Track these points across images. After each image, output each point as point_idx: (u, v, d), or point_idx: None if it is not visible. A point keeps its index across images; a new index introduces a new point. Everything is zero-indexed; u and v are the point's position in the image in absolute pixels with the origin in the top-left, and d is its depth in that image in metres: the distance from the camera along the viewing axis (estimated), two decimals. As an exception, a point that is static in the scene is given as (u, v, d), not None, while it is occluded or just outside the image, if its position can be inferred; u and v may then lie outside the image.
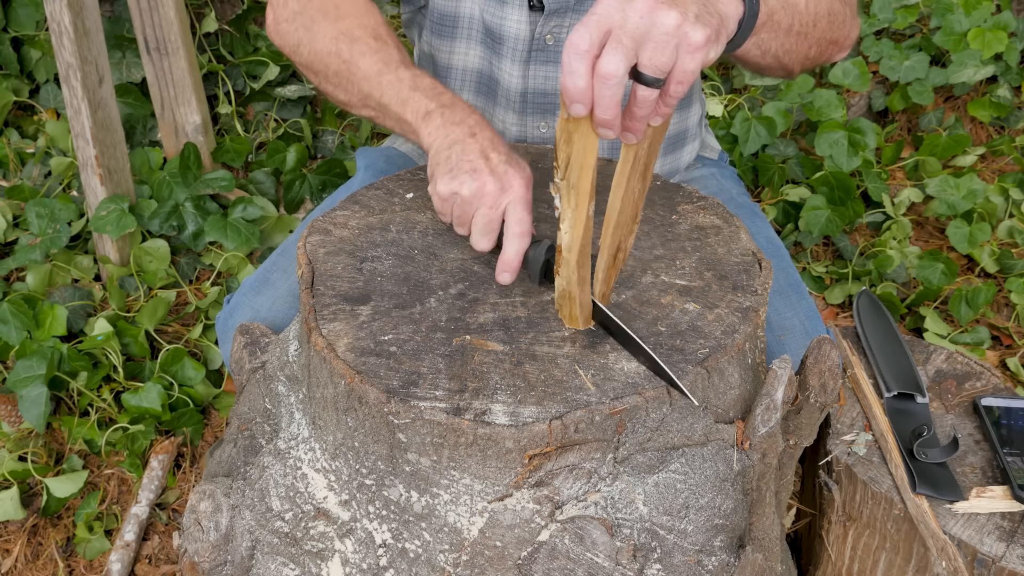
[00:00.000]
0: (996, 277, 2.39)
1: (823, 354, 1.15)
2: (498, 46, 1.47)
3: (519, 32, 1.44)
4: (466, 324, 1.09)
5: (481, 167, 1.13)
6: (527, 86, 1.49)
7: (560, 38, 1.44)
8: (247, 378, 1.26)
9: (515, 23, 1.44)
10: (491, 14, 1.45)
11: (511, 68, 1.47)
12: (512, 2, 1.43)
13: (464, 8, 1.47)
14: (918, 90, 2.68)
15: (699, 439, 1.05)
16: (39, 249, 2.24)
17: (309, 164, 2.70)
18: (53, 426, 2.03)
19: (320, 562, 1.11)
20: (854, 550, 1.40)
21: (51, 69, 2.68)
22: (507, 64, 1.47)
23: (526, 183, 1.14)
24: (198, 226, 2.33)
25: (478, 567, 1.03)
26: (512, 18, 1.44)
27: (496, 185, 1.12)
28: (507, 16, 1.44)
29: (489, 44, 1.48)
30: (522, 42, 1.45)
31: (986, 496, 1.29)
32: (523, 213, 1.12)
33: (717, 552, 1.09)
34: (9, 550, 1.86)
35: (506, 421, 0.97)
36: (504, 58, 1.47)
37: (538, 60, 1.47)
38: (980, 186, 2.39)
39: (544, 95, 1.50)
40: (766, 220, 1.60)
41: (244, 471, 1.20)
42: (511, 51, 1.46)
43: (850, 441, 1.38)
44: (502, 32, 1.45)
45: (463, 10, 1.48)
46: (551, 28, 1.44)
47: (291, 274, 1.47)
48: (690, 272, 1.18)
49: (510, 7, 1.43)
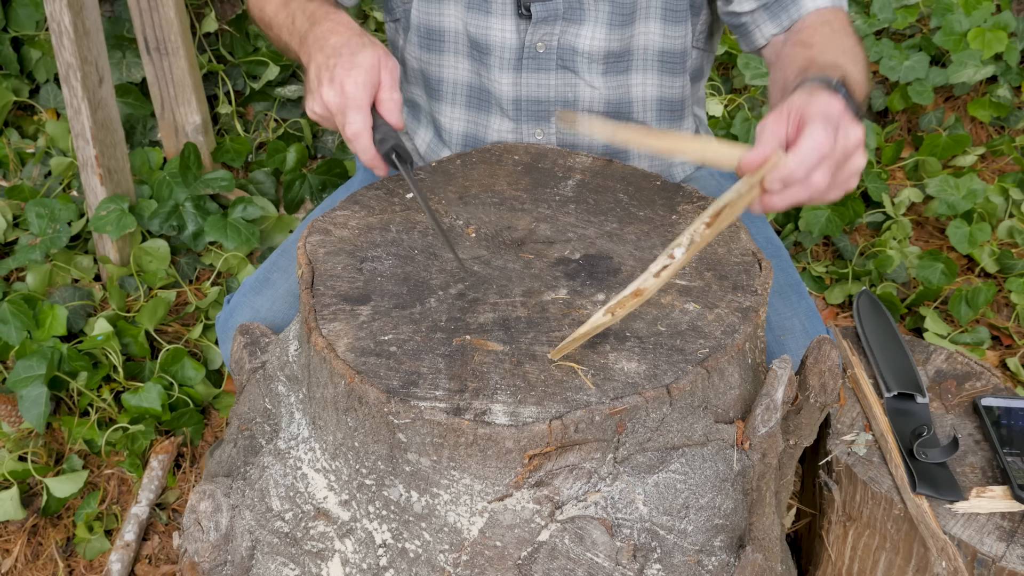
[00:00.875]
0: (996, 277, 2.39)
1: (823, 354, 1.15)
2: (485, 56, 1.46)
3: (505, 40, 1.44)
4: (466, 324, 1.09)
5: (318, 81, 1.22)
6: (519, 94, 1.48)
7: (551, 45, 1.44)
8: (247, 378, 1.26)
9: (500, 32, 1.44)
10: (474, 25, 1.44)
11: (500, 77, 1.47)
12: (496, 11, 1.42)
13: (448, 21, 1.47)
14: (918, 90, 2.68)
15: (699, 439, 1.05)
16: (39, 249, 2.24)
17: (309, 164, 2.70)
18: (53, 426, 2.03)
19: (320, 562, 1.11)
20: (854, 550, 1.40)
21: (51, 69, 2.68)
22: (496, 73, 1.47)
23: (359, 73, 1.20)
24: (198, 226, 2.33)
25: (478, 567, 1.03)
26: (496, 27, 1.43)
27: (334, 97, 1.20)
28: (491, 26, 1.43)
29: (476, 56, 1.47)
30: (510, 50, 1.44)
31: (986, 496, 1.29)
32: (352, 117, 1.19)
33: (717, 552, 1.09)
34: (9, 550, 1.86)
35: (506, 421, 0.97)
36: (492, 68, 1.46)
37: (529, 68, 1.46)
38: (980, 186, 2.39)
39: (537, 102, 1.49)
40: (766, 220, 1.60)
41: (244, 471, 1.20)
42: (499, 60, 1.45)
43: (850, 441, 1.38)
44: (488, 42, 1.45)
45: (447, 23, 1.47)
46: (541, 36, 1.43)
47: (291, 274, 1.47)
48: (690, 272, 1.18)
49: (494, 16, 1.43)
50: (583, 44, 1.43)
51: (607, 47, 1.43)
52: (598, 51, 1.44)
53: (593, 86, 1.47)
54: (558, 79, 1.47)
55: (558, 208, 1.31)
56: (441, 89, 1.53)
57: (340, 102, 1.20)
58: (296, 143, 2.55)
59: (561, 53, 1.44)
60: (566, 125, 1.42)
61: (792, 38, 1.35)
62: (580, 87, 1.47)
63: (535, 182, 1.37)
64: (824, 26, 1.32)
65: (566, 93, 1.48)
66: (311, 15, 1.31)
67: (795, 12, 1.36)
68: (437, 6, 1.45)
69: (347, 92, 1.19)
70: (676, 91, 1.52)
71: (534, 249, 1.23)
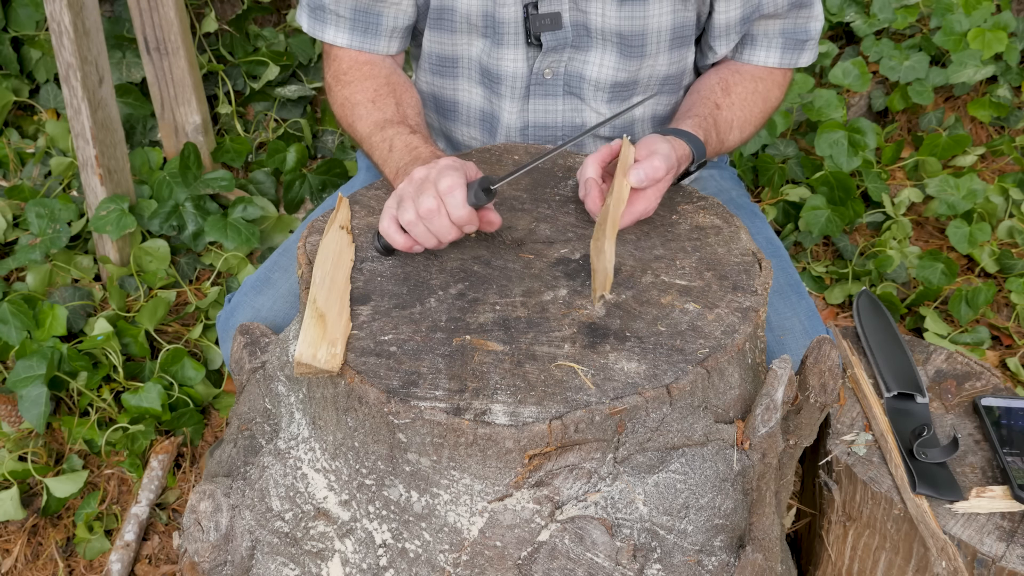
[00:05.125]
0: (996, 277, 2.39)
1: (823, 354, 1.15)
2: (496, 85, 1.48)
3: (516, 70, 1.46)
4: (466, 324, 1.09)
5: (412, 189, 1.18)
6: (527, 120, 1.50)
7: (558, 72, 1.46)
8: (247, 378, 1.26)
9: (512, 62, 1.45)
10: (488, 55, 1.46)
11: (510, 106, 1.49)
12: (508, 43, 1.44)
13: (461, 50, 1.49)
14: (918, 90, 2.68)
15: (699, 439, 1.05)
16: (39, 249, 2.24)
17: (309, 164, 2.70)
18: (53, 426, 2.03)
19: (320, 562, 1.11)
20: (854, 550, 1.40)
21: (51, 69, 2.68)
22: (507, 103, 1.49)
23: (450, 165, 1.18)
24: (198, 226, 2.33)
25: (478, 567, 1.03)
26: (508, 58, 1.45)
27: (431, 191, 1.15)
28: (503, 57, 1.45)
29: (487, 84, 1.50)
30: (520, 79, 1.46)
31: (986, 496, 1.29)
32: (447, 177, 1.15)
33: (717, 552, 1.09)
34: (9, 550, 1.86)
35: (506, 421, 0.97)
36: (504, 97, 1.49)
37: (536, 94, 1.48)
38: (980, 186, 2.39)
39: (544, 128, 1.51)
40: (765, 220, 1.61)
41: (244, 471, 1.20)
42: (510, 89, 1.47)
43: (850, 441, 1.38)
44: (499, 72, 1.46)
45: (460, 52, 1.49)
46: (549, 63, 1.45)
47: (292, 274, 1.47)
48: (690, 272, 1.18)
49: (506, 48, 1.44)
50: (591, 72, 1.46)
51: (615, 77, 1.46)
52: (605, 80, 1.46)
53: (599, 112, 1.50)
54: (565, 104, 1.49)
55: (558, 208, 1.31)
56: (457, 111, 1.56)
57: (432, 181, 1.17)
58: (296, 143, 2.55)
59: (568, 79, 1.47)
60: None
61: (724, 70, 1.50)
62: (586, 112, 1.50)
63: (535, 182, 1.37)
64: (753, 83, 1.49)
65: (573, 118, 1.51)
66: (414, 150, 1.32)
67: (747, 56, 1.50)
68: (450, 36, 1.47)
69: (440, 187, 1.16)
70: (672, 108, 1.56)
71: (534, 249, 1.23)
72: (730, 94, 1.46)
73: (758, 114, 1.49)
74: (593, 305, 1.13)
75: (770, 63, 1.49)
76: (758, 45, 1.48)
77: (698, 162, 1.33)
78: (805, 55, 1.50)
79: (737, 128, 1.46)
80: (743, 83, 1.48)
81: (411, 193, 1.16)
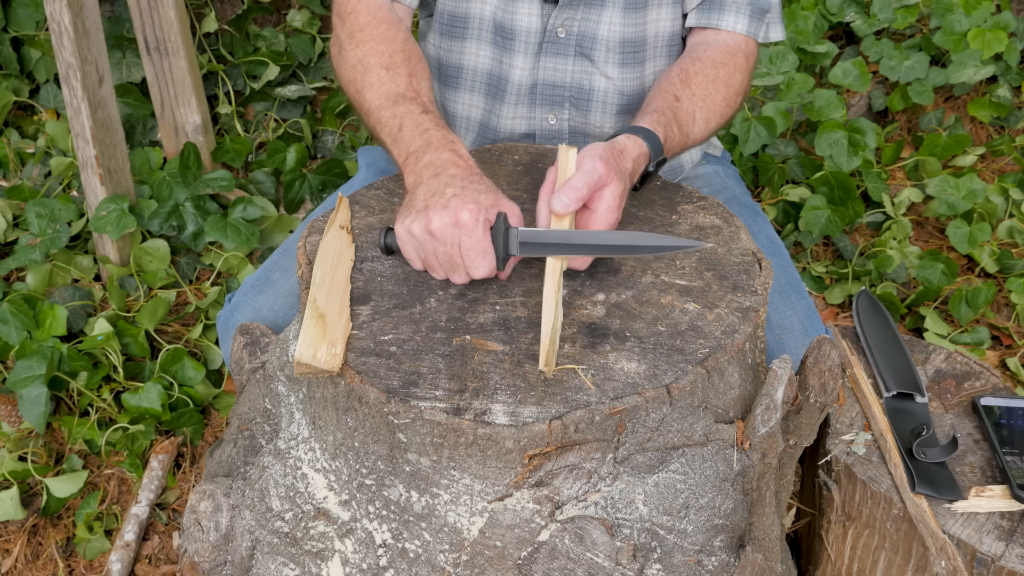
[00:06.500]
0: (996, 277, 2.39)
1: (823, 354, 1.15)
2: (509, 42, 1.49)
3: (531, 25, 1.47)
4: (466, 324, 1.09)
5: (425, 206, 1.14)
6: (537, 78, 1.51)
7: (572, 31, 1.47)
8: (247, 378, 1.26)
9: (526, 16, 1.47)
10: (503, 10, 1.47)
11: (522, 62, 1.49)
12: None
13: (474, 8, 1.49)
14: (918, 90, 2.68)
15: (699, 439, 1.05)
16: (39, 249, 2.24)
17: (309, 164, 2.70)
18: (53, 426, 2.03)
19: (320, 562, 1.11)
20: (854, 550, 1.40)
21: (51, 69, 2.68)
22: (518, 59, 1.49)
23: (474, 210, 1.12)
24: (198, 226, 2.33)
25: (478, 567, 1.03)
26: (523, 12, 1.47)
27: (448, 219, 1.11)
28: (518, 11, 1.47)
29: (499, 42, 1.50)
30: (534, 35, 1.48)
31: (985, 496, 1.29)
32: (471, 245, 1.11)
33: (717, 552, 1.09)
34: (9, 550, 1.86)
35: (506, 421, 0.97)
36: (516, 53, 1.49)
37: (548, 52, 1.49)
38: (980, 186, 2.39)
39: (553, 87, 1.52)
40: (767, 219, 1.61)
41: (244, 471, 1.20)
42: (523, 44, 1.48)
43: (850, 441, 1.38)
44: (513, 27, 1.48)
45: (473, 10, 1.50)
46: (563, 20, 1.46)
47: (292, 274, 1.47)
48: (690, 272, 1.18)
49: (521, 2, 1.46)
50: (602, 31, 1.47)
51: (622, 33, 1.47)
52: (615, 38, 1.47)
53: (608, 76, 1.50)
54: (575, 66, 1.50)
55: (558, 208, 1.31)
56: (460, 76, 1.56)
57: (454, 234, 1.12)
58: (296, 143, 2.56)
59: (580, 40, 1.48)
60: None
61: (684, 60, 1.47)
62: (595, 76, 1.51)
63: (535, 182, 1.37)
64: (714, 69, 1.44)
65: (581, 81, 1.51)
66: (425, 132, 1.26)
67: (716, 20, 1.48)
68: None
69: (463, 223, 1.11)
70: None
71: (534, 249, 1.22)
72: (690, 85, 1.43)
73: (721, 101, 1.45)
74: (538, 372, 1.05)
75: (739, 28, 1.47)
76: (727, 9, 1.47)
77: (655, 160, 1.30)
78: (773, 29, 1.50)
79: (701, 119, 1.42)
80: (703, 71, 1.45)
81: (437, 230, 1.11)
